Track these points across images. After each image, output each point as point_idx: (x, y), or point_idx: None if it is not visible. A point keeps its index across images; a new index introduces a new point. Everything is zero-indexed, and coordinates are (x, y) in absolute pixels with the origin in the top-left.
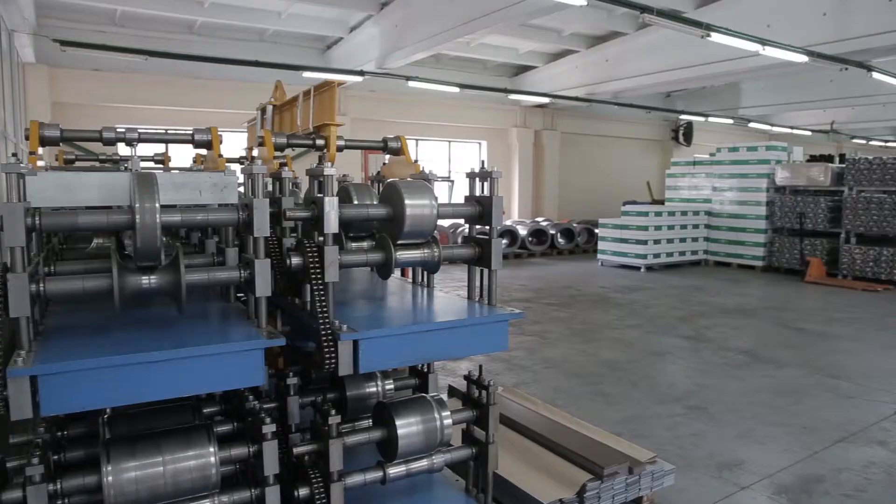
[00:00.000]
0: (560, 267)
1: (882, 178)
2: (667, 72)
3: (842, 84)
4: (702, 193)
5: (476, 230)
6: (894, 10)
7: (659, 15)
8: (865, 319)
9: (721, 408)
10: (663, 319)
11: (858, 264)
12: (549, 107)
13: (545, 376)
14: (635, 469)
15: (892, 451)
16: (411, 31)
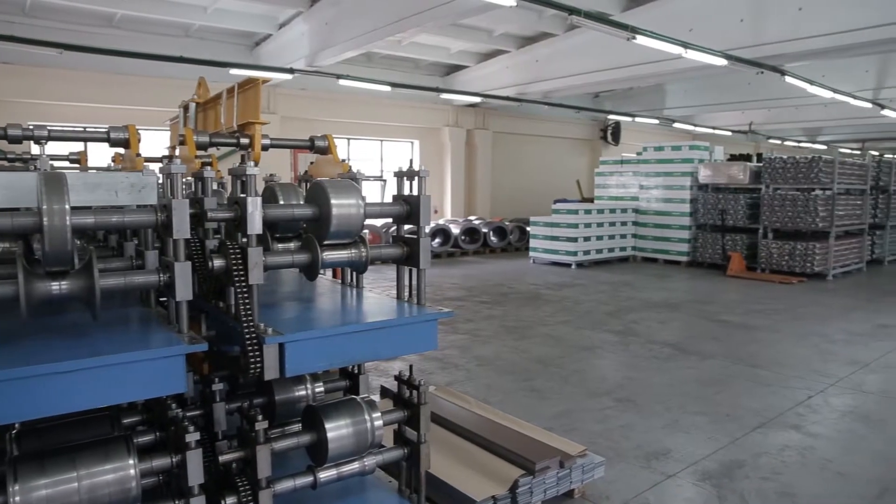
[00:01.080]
0: (492, 265)
1: (795, 176)
2: (595, 73)
3: (758, 87)
4: (629, 191)
5: (405, 229)
6: (805, 19)
7: (586, 17)
8: (781, 310)
9: (649, 399)
10: (593, 315)
11: (775, 258)
12: (481, 106)
13: (478, 374)
14: (566, 463)
15: (806, 434)
16: (342, 29)
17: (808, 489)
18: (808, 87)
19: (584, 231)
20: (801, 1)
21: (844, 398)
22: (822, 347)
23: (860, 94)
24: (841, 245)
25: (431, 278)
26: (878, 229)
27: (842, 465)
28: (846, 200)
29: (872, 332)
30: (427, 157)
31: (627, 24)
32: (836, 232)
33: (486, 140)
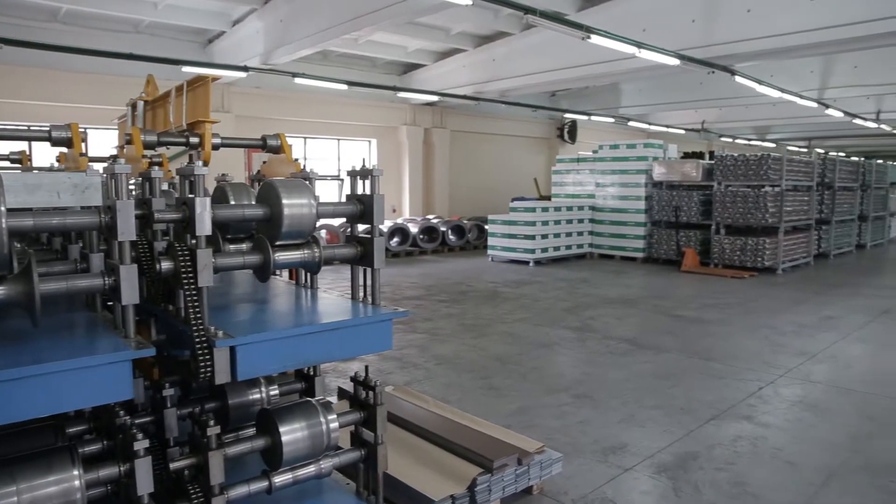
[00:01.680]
0: (451, 264)
1: (745, 173)
2: (551, 72)
3: (710, 86)
4: (586, 189)
5: (360, 229)
6: (753, 21)
7: (542, 16)
8: (734, 304)
9: (606, 395)
10: (551, 312)
11: (727, 253)
12: (439, 105)
13: (437, 373)
14: (524, 460)
15: (757, 424)
16: (297, 27)
17: (759, 478)
18: (756, 86)
19: (542, 229)
20: (749, 3)
21: (793, 388)
22: (772, 339)
23: (806, 94)
24: (789, 240)
25: (390, 277)
26: (823, 224)
27: (791, 454)
28: (794, 197)
29: (819, 323)
30: (385, 156)
31: (582, 24)
32: (784, 227)
33: (443, 139)
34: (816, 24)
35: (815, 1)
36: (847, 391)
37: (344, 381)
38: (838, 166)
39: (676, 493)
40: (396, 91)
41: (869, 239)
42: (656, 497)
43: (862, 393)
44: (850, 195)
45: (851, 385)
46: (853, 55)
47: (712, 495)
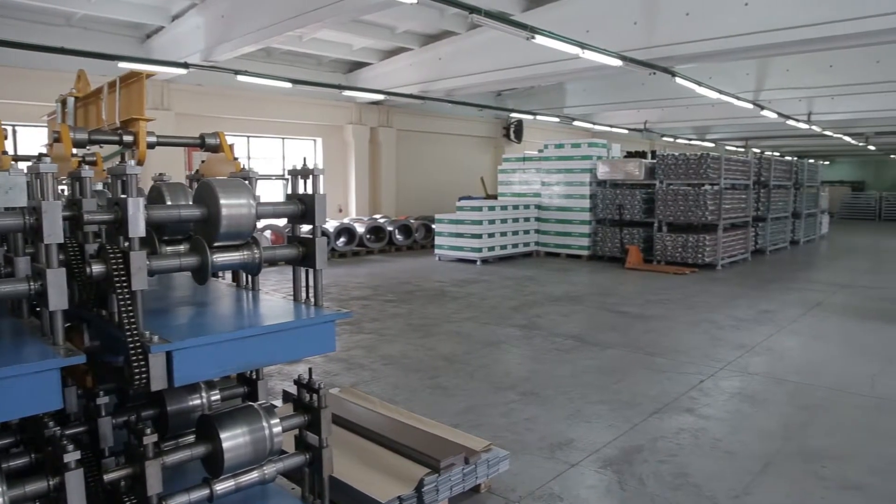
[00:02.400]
0: (398, 263)
1: (686, 172)
2: (497, 71)
3: (652, 87)
4: (532, 188)
5: (302, 229)
6: (691, 24)
7: (487, 16)
8: (676, 300)
9: (552, 391)
10: (498, 310)
11: (669, 250)
12: (385, 104)
13: (384, 373)
14: (471, 459)
15: (698, 416)
16: (239, 23)
17: (700, 468)
18: (696, 87)
19: (489, 228)
20: (688, 7)
21: (732, 381)
22: (712, 333)
23: (742, 95)
24: (728, 237)
25: (337, 278)
26: (760, 221)
27: (730, 444)
28: (732, 195)
29: (756, 317)
30: (330, 156)
31: (527, 24)
32: (723, 224)
33: (390, 138)
34: (750, 28)
35: (749, 6)
36: (782, 382)
37: (290, 384)
38: (773, 165)
39: (622, 486)
40: (342, 90)
41: (802, 235)
42: (602, 491)
43: (795, 383)
44: (784, 193)
45: (786, 376)
46: (786, 59)
47: (656, 487)
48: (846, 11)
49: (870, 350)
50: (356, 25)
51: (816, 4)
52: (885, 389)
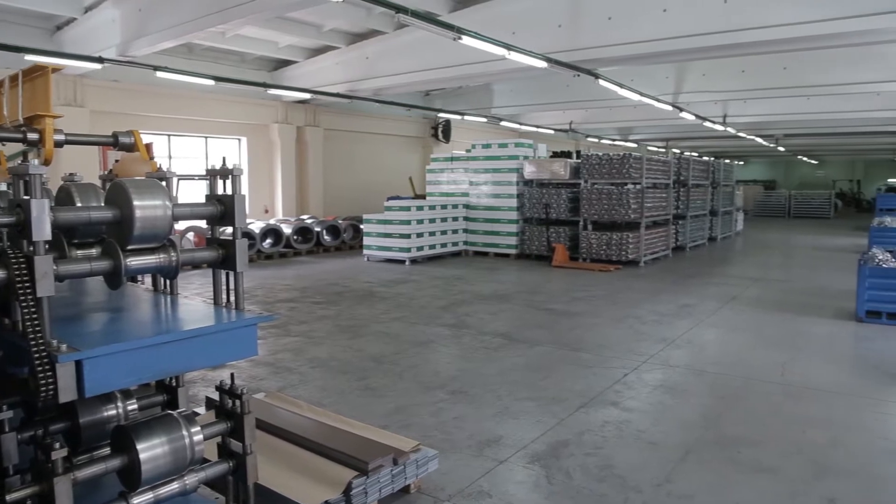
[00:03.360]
0: (326, 264)
1: (609, 171)
2: (424, 71)
3: (577, 89)
4: (460, 187)
5: (220, 231)
6: (613, 28)
7: (414, 16)
8: (601, 297)
9: (481, 389)
10: (427, 310)
11: (595, 248)
12: (312, 103)
13: (312, 376)
14: (400, 459)
15: (623, 409)
16: (157, 17)
17: (624, 460)
18: (618, 90)
19: (417, 227)
20: (610, 11)
21: (655, 373)
22: (636, 328)
23: (662, 98)
24: (650, 234)
25: (263, 280)
26: (680, 219)
27: (653, 435)
28: (653, 193)
29: (677, 311)
30: (256, 155)
31: (454, 25)
32: (645, 222)
33: (317, 137)
34: (669, 33)
35: (667, 12)
36: (701, 373)
37: (214, 391)
38: (692, 165)
39: (549, 481)
40: (267, 88)
41: (719, 232)
42: (530, 486)
43: (713, 374)
44: (702, 192)
45: (705, 367)
46: (702, 63)
47: (582, 480)
48: (756, 20)
49: (780, 340)
50: (281, 23)
51: (729, 13)
52: (794, 377)
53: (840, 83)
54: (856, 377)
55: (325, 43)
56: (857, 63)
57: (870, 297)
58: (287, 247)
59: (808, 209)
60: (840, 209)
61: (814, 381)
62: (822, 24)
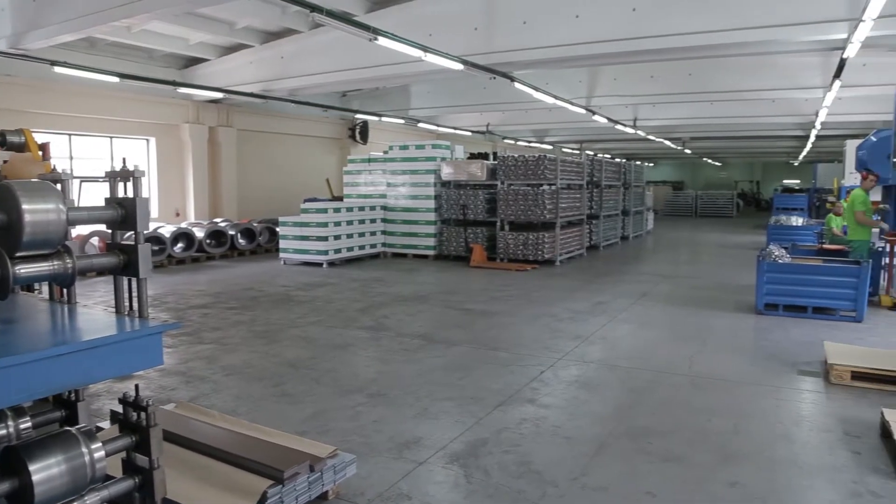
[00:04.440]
0: (241, 269)
1: (525, 173)
2: (341, 72)
3: (493, 91)
4: (378, 189)
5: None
6: (528, 32)
7: (329, 16)
8: (518, 296)
9: (400, 391)
10: (345, 313)
11: (512, 248)
12: (224, 102)
13: (226, 384)
14: (316, 466)
15: (539, 406)
16: (53, 9)
17: (541, 456)
18: (533, 92)
19: (335, 230)
20: (525, 16)
21: (570, 370)
22: (552, 326)
23: (576, 101)
24: (565, 234)
25: (175, 286)
26: (594, 219)
27: (568, 430)
28: (568, 194)
29: (591, 308)
30: (166, 157)
31: (370, 26)
32: (560, 222)
33: (230, 138)
34: (581, 38)
35: (580, 18)
36: (614, 368)
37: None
38: (604, 167)
39: (468, 480)
40: (177, 86)
41: (631, 231)
42: (449, 486)
43: (626, 368)
44: (614, 192)
45: (617, 362)
46: (614, 68)
47: (500, 477)
48: (663, 28)
49: (687, 334)
50: (191, 19)
51: (638, 20)
52: (700, 368)
53: (740, 90)
54: (755, 367)
55: (238, 41)
56: (755, 71)
57: (767, 291)
58: (200, 251)
59: (713, 208)
60: (742, 208)
61: (718, 372)
62: (723, 34)
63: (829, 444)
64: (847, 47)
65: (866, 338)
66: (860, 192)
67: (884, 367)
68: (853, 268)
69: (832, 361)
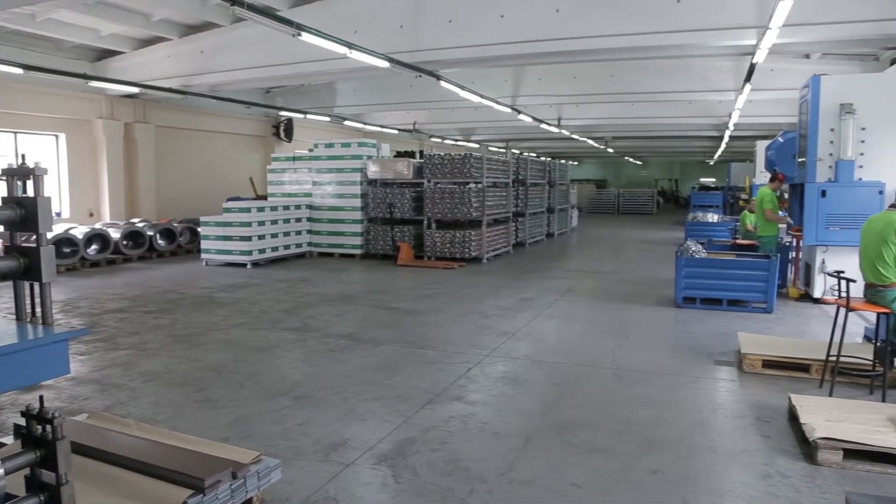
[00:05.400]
0: (161, 270)
1: (452, 171)
2: (264, 67)
3: (419, 89)
4: (303, 188)
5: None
6: (453, 31)
7: (250, 9)
8: (445, 293)
9: (326, 393)
10: (270, 314)
11: (439, 246)
12: (141, 97)
13: (144, 392)
14: (239, 473)
15: (467, 403)
16: None
17: (469, 452)
18: (459, 91)
19: (259, 229)
20: (450, 14)
21: (497, 366)
22: (479, 323)
23: (501, 100)
24: (492, 231)
25: (89, 290)
26: (520, 217)
27: (496, 426)
28: (494, 192)
29: (518, 305)
30: (78, 154)
31: (293, 21)
32: (487, 220)
33: (148, 135)
34: (506, 38)
35: (504, 18)
36: (540, 363)
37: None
38: (530, 165)
39: (396, 480)
40: (88, 80)
41: (556, 228)
42: (377, 487)
43: (552, 363)
44: (540, 190)
45: (543, 357)
46: (538, 68)
47: (429, 476)
48: (585, 30)
49: (611, 328)
50: (103, 8)
51: (561, 22)
52: (622, 361)
53: (659, 91)
54: (675, 358)
55: (155, 34)
56: (673, 74)
57: (686, 285)
58: (116, 253)
59: (634, 206)
60: (661, 206)
61: (640, 365)
62: (641, 37)
63: (742, 429)
64: (756, 53)
65: (776, 328)
66: (768, 190)
67: (791, 355)
68: (763, 262)
69: (745, 351)
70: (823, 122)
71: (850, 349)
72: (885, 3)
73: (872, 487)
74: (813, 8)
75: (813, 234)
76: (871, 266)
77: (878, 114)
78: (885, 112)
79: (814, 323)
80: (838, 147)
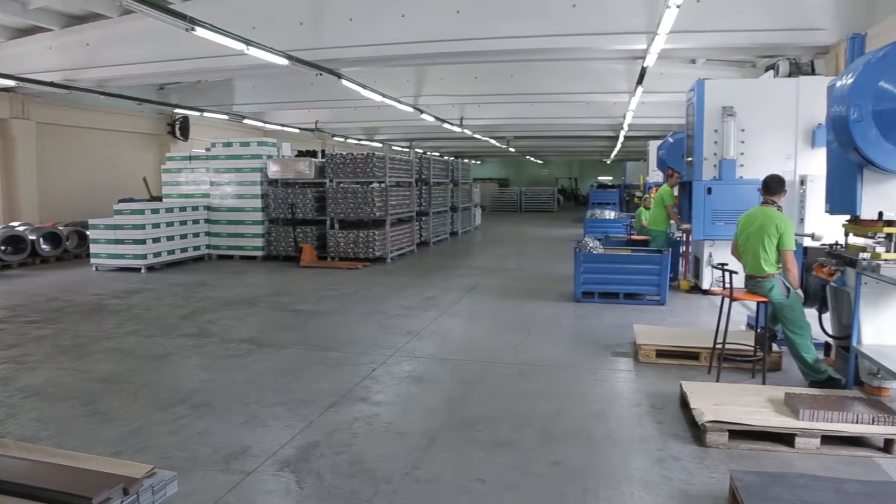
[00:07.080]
0: (45, 277)
1: (354, 171)
2: (156, 63)
3: (321, 88)
4: (201, 188)
5: None
6: (355, 29)
7: (139, 1)
8: (349, 294)
9: (226, 400)
10: (166, 320)
11: (342, 246)
12: (19, 91)
13: (24, 408)
14: (131, 488)
15: (371, 404)
16: None
17: (374, 453)
18: (361, 90)
19: (153, 232)
20: (351, 13)
21: (402, 366)
22: (383, 323)
23: (404, 99)
24: (396, 231)
25: None
26: (423, 216)
27: (401, 426)
28: (397, 192)
29: (422, 304)
30: None
31: (186, 14)
32: (391, 220)
33: (27, 132)
34: (407, 38)
35: (405, 17)
36: (445, 361)
37: None
38: (433, 164)
39: (300, 485)
40: None
41: (460, 227)
42: (280, 494)
43: (456, 361)
44: (443, 189)
45: (448, 355)
46: (440, 68)
47: (333, 479)
48: (485, 31)
49: (513, 324)
50: None
51: (461, 23)
52: (525, 356)
53: (558, 92)
54: (575, 351)
55: (34, 23)
56: (571, 76)
57: (584, 280)
58: None
59: (536, 204)
60: (562, 204)
61: (542, 359)
62: (538, 40)
63: (638, 417)
64: (647, 57)
65: (668, 319)
66: (667, 188)
67: (682, 344)
68: (656, 256)
69: (640, 342)
70: (708, 123)
71: (734, 336)
72: (761, 16)
73: (754, 464)
74: (697, 17)
75: (701, 229)
76: (753, 259)
77: (755, 116)
78: (761, 114)
79: (703, 313)
80: (721, 147)
